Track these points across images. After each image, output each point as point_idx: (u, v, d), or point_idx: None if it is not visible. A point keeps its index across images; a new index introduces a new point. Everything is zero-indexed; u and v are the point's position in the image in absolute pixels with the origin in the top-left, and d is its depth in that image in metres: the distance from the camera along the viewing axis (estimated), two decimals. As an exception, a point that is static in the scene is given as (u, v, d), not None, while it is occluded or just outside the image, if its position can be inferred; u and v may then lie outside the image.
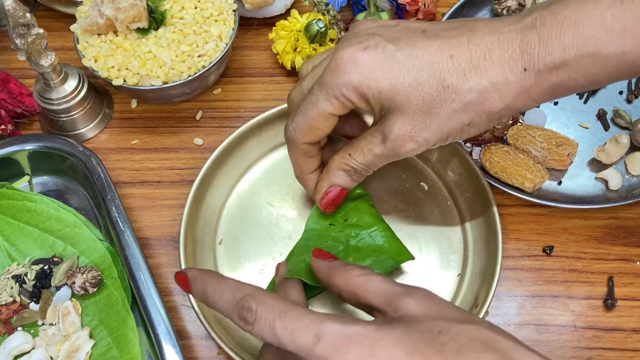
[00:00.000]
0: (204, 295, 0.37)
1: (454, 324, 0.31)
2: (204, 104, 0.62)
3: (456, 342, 0.30)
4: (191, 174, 0.55)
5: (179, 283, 0.39)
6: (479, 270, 0.48)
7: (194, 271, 0.38)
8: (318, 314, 0.32)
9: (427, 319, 0.32)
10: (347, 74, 0.39)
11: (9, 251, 0.53)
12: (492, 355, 0.29)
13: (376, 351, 0.30)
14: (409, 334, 0.31)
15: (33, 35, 0.52)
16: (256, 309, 0.33)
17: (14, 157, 0.56)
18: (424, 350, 0.30)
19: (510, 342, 0.31)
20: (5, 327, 0.50)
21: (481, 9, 0.66)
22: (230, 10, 0.59)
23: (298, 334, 0.31)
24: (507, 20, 0.38)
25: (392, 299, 0.34)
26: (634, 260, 0.53)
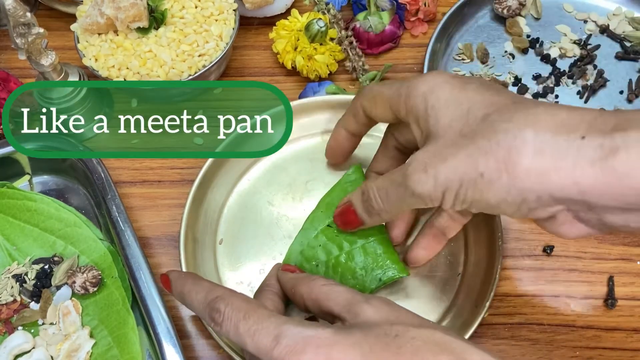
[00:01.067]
0: (181, 296, 0.39)
1: (410, 328, 0.32)
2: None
3: (412, 345, 0.31)
4: (191, 174, 0.55)
5: (163, 284, 0.41)
6: (479, 270, 0.48)
7: (175, 273, 0.41)
8: (280, 317, 0.33)
9: (385, 323, 0.33)
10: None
11: (9, 250, 0.53)
12: (446, 356, 0.30)
13: (333, 354, 0.30)
14: (365, 337, 0.31)
15: (33, 35, 0.52)
16: (224, 310, 0.34)
17: (14, 156, 0.56)
18: (380, 353, 0.30)
19: (463, 344, 0.32)
20: (5, 326, 0.50)
21: (481, 9, 0.66)
22: (230, 10, 0.59)
23: (259, 335, 0.32)
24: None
25: (351, 306, 0.35)
26: (635, 259, 0.53)
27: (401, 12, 0.65)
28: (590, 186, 0.31)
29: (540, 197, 0.32)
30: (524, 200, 0.33)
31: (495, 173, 0.33)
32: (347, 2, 0.66)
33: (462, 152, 0.34)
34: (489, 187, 0.33)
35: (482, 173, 0.33)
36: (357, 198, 0.42)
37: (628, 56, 0.63)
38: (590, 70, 0.62)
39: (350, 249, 0.46)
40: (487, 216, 0.49)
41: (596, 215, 0.33)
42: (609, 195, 0.31)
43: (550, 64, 0.63)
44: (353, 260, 0.46)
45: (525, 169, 0.32)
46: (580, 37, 0.64)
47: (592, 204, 0.32)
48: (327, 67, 0.60)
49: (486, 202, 0.34)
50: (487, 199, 0.34)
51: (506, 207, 0.34)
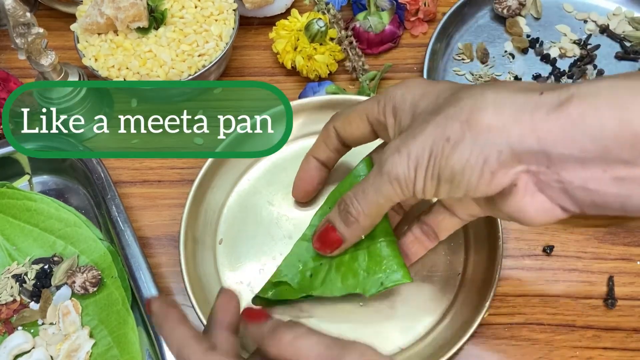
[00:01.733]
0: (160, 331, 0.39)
1: None
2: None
3: None
4: (191, 174, 0.55)
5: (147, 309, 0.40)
6: (479, 270, 0.48)
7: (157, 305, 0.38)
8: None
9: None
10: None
11: (9, 250, 0.53)
12: None
13: None
14: None
15: (33, 35, 0.52)
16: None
17: (14, 156, 0.56)
18: None
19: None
20: (5, 326, 0.50)
21: (481, 9, 0.66)
22: (230, 10, 0.59)
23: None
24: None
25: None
26: (634, 259, 0.53)
27: (401, 12, 0.65)
28: (547, 132, 0.32)
29: (500, 152, 0.33)
30: (486, 161, 0.33)
31: (459, 134, 0.34)
32: (347, 2, 0.66)
33: (430, 125, 0.35)
34: (453, 150, 0.34)
35: (449, 137, 0.34)
36: (335, 213, 0.41)
37: (628, 56, 0.63)
38: (590, 70, 0.62)
39: (355, 249, 0.44)
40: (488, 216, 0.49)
41: (555, 175, 0.33)
42: (565, 142, 0.32)
43: (550, 64, 0.63)
44: (357, 261, 0.44)
45: (486, 125, 0.33)
46: (580, 37, 0.64)
47: (550, 156, 0.32)
48: (327, 67, 0.60)
49: (451, 170, 0.34)
50: (452, 165, 0.34)
51: (470, 174, 0.34)
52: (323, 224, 0.42)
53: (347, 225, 0.41)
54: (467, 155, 0.34)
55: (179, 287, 0.53)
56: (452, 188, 0.35)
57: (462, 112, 0.34)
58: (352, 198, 0.40)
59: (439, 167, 0.35)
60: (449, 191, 0.36)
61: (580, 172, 0.32)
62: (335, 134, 0.44)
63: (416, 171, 0.36)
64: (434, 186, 0.36)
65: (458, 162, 0.34)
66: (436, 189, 0.36)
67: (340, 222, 0.41)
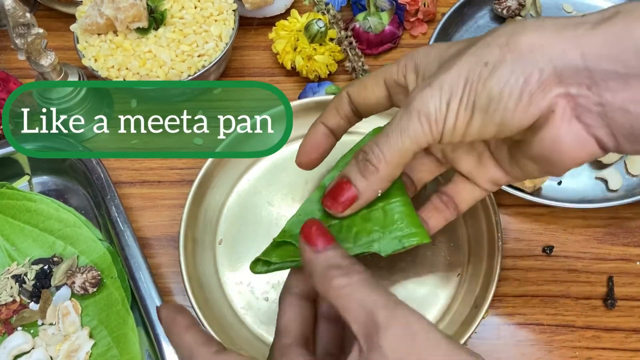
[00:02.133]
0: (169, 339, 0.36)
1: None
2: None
3: None
4: (191, 174, 0.55)
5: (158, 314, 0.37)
6: (479, 270, 0.48)
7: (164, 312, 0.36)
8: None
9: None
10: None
11: (8, 251, 0.53)
12: None
13: None
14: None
15: (33, 35, 0.52)
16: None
17: (14, 156, 0.56)
18: None
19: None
20: (5, 326, 0.49)
21: (481, 9, 0.66)
22: (230, 10, 0.59)
23: None
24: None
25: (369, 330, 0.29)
26: (634, 260, 0.53)
27: (401, 13, 0.65)
28: (591, 46, 0.31)
29: (542, 70, 0.31)
30: (526, 81, 0.31)
31: (498, 57, 0.32)
32: (347, 3, 0.66)
33: (465, 55, 0.33)
34: (492, 73, 0.32)
35: (487, 62, 0.32)
36: (351, 165, 0.37)
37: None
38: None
39: (368, 209, 0.40)
40: (487, 216, 0.49)
41: (596, 97, 0.31)
42: (609, 57, 0.30)
43: (549, 64, 0.63)
44: (370, 221, 0.40)
45: (528, 44, 0.32)
46: (579, 38, 0.64)
47: (593, 73, 0.31)
48: (327, 68, 0.60)
49: (488, 94, 0.32)
50: (490, 89, 0.32)
51: (508, 97, 0.32)
52: (336, 179, 0.37)
53: (364, 176, 0.36)
54: (507, 76, 0.32)
55: (178, 287, 0.53)
56: (486, 119, 0.33)
57: (500, 37, 0.32)
58: (372, 145, 0.35)
59: (475, 93, 0.32)
60: (481, 124, 0.33)
61: (622, 92, 0.31)
62: (348, 100, 0.41)
63: (449, 104, 0.33)
64: (467, 119, 0.33)
65: (497, 84, 0.32)
66: (468, 122, 0.33)
67: (357, 173, 0.36)
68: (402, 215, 0.39)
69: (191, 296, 0.46)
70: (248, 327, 0.49)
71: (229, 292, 0.50)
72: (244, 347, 0.46)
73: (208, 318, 0.46)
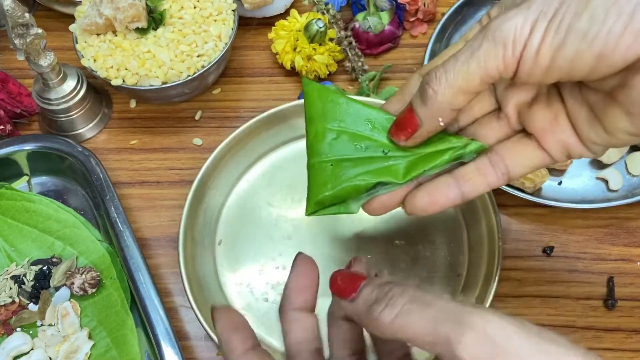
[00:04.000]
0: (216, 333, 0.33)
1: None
2: (203, 104, 0.62)
3: None
4: (190, 174, 0.55)
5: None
6: (479, 271, 0.48)
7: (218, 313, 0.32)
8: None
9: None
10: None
11: (8, 252, 0.53)
12: None
13: None
14: None
15: (32, 35, 0.52)
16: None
17: (12, 157, 0.56)
18: None
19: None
20: (4, 327, 0.49)
21: (481, 9, 0.66)
22: (229, 10, 0.59)
23: None
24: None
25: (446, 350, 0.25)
26: (635, 260, 0.53)
27: (400, 13, 0.64)
28: None
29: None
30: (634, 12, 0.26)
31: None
32: (347, 3, 0.66)
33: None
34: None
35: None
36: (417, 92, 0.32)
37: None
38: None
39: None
40: (487, 216, 0.49)
41: None
42: None
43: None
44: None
45: None
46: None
47: None
48: (327, 68, 0.60)
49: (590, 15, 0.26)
50: (594, 8, 0.26)
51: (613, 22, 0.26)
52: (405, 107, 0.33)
53: (424, 103, 0.31)
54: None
55: (178, 288, 0.53)
56: (582, 47, 0.27)
57: None
58: (438, 67, 0.30)
59: (572, 14, 0.27)
60: (575, 54, 0.27)
61: None
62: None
63: (535, 24, 0.28)
64: (556, 44, 0.27)
65: (602, 3, 0.26)
66: (557, 49, 0.27)
67: (417, 98, 0.32)
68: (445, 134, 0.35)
69: (190, 297, 0.46)
70: (248, 327, 0.49)
71: (228, 293, 0.50)
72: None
73: (208, 319, 0.46)
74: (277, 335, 0.48)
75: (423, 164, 0.35)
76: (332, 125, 0.37)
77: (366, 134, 0.36)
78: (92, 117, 0.60)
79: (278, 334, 0.48)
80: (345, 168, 0.36)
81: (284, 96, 0.62)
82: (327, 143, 0.37)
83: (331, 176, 0.36)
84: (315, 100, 0.37)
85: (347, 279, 0.30)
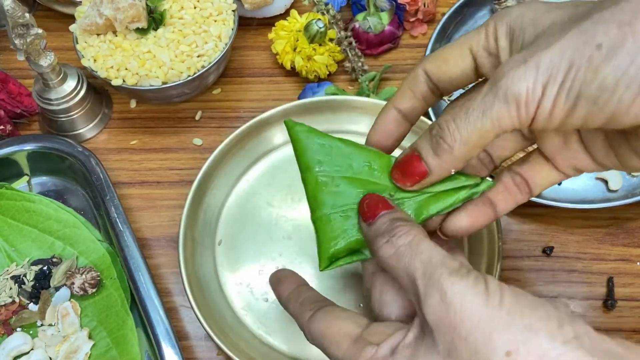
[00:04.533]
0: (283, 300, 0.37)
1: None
2: (203, 104, 0.62)
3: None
4: (190, 174, 0.55)
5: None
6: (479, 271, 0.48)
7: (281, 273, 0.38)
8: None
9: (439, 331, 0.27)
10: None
11: (8, 252, 0.53)
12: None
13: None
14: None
15: (32, 36, 0.52)
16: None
17: (13, 157, 0.56)
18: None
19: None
20: (4, 327, 0.49)
21: (481, 9, 0.66)
22: (229, 10, 0.59)
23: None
24: None
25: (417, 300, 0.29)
26: (634, 260, 0.53)
27: (400, 13, 0.65)
28: None
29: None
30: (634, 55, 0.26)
31: (617, 39, 0.27)
32: (347, 3, 0.66)
33: (572, 31, 0.28)
34: (607, 59, 0.27)
35: (600, 44, 0.27)
36: (424, 138, 0.33)
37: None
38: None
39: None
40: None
41: None
42: None
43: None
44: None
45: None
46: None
47: None
48: (327, 68, 0.60)
49: (600, 85, 0.27)
50: (603, 78, 0.27)
51: (624, 90, 0.27)
52: (407, 151, 0.34)
53: (436, 154, 0.32)
54: (626, 65, 0.26)
55: (178, 288, 0.53)
56: (592, 112, 0.28)
57: (622, 14, 0.27)
58: (449, 121, 0.31)
59: (581, 81, 0.27)
60: (585, 116, 0.28)
61: None
62: (426, 78, 0.35)
63: (545, 87, 0.28)
64: (567, 108, 0.28)
65: (612, 74, 0.27)
66: (568, 112, 0.28)
67: (429, 149, 0.32)
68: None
69: (190, 297, 0.46)
70: (248, 327, 0.49)
71: (228, 293, 0.50)
72: (243, 347, 0.46)
73: (207, 319, 0.46)
74: (277, 335, 0.48)
75: (435, 204, 0.35)
76: (330, 172, 0.36)
77: (367, 177, 0.35)
78: (92, 117, 0.61)
79: (278, 334, 0.48)
80: (353, 218, 0.35)
81: (284, 96, 0.62)
82: (329, 192, 0.36)
83: (340, 229, 0.35)
84: (305, 145, 0.36)
85: (372, 203, 0.33)
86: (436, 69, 0.35)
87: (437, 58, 0.35)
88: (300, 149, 0.36)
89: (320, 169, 0.36)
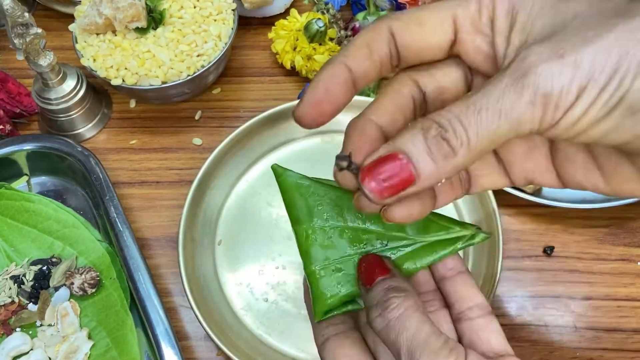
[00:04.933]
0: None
1: None
2: (203, 103, 0.62)
3: None
4: (190, 174, 0.55)
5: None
6: (480, 271, 0.48)
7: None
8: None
9: None
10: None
11: (7, 252, 0.53)
12: None
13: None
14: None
15: (31, 35, 0.52)
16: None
17: (12, 157, 0.55)
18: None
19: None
20: (3, 327, 0.49)
21: (481, 9, 0.66)
22: (229, 10, 0.59)
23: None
24: None
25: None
26: (635, 260, 0.52)
27: (400, 12, 0.64)
28: None
29: None
30: None
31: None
32: (347, 2, 0.66)
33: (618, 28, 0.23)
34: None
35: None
36: (414, 136, 0.25)
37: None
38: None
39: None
40: (488, 216, 0.49)
41: None
42: None
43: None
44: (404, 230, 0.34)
45: None
46: (580, 37, 0.64)
47: None
48: (327, 67, 0.60)
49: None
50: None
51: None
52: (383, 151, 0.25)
53: (434, 158, 0.24)
54: None
55: (177, 288, 0.53)
56: (625, 124, 0.24)
57: None
58: (453, 119, 0.24)
59: (625, 88, 0.23)
60: (613, 128, 0.24)
61: None
62: (389, 39, 0.28)
63: (584, 89, 0.23)
64: (599, 116, 0.24)
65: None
66: (599, 121, 0.24)
67: (422, 151, 0.24)
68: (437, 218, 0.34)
69: (190, 297, 0.46)
70: (248, 327, 0.49)
71: (228, 293, 0.50)
72: (243, 347, 0.46)
73: (207, 319, 0.45)
74: (277, 335, 0.48)
75: (427, 255, 0.34)
76: (321, 225, 0.34)
77: (359, 225, 0.34)
78: (91, 117, 0.60)
79: (278, 334, 0.48)
80: (345, 270, 0.34)
81: (284, 96, 0.62)
82: (321, 246, 0.34)
83: (334, 283, 0.34)
84: (294, 195, 0.35)
85: (370, 267, 0.31)
86: (406, 31, 0.28)
87: (410, 19, 0.28)
88: (289, 199, 0.34)
89: (311, 223, 0.35)
